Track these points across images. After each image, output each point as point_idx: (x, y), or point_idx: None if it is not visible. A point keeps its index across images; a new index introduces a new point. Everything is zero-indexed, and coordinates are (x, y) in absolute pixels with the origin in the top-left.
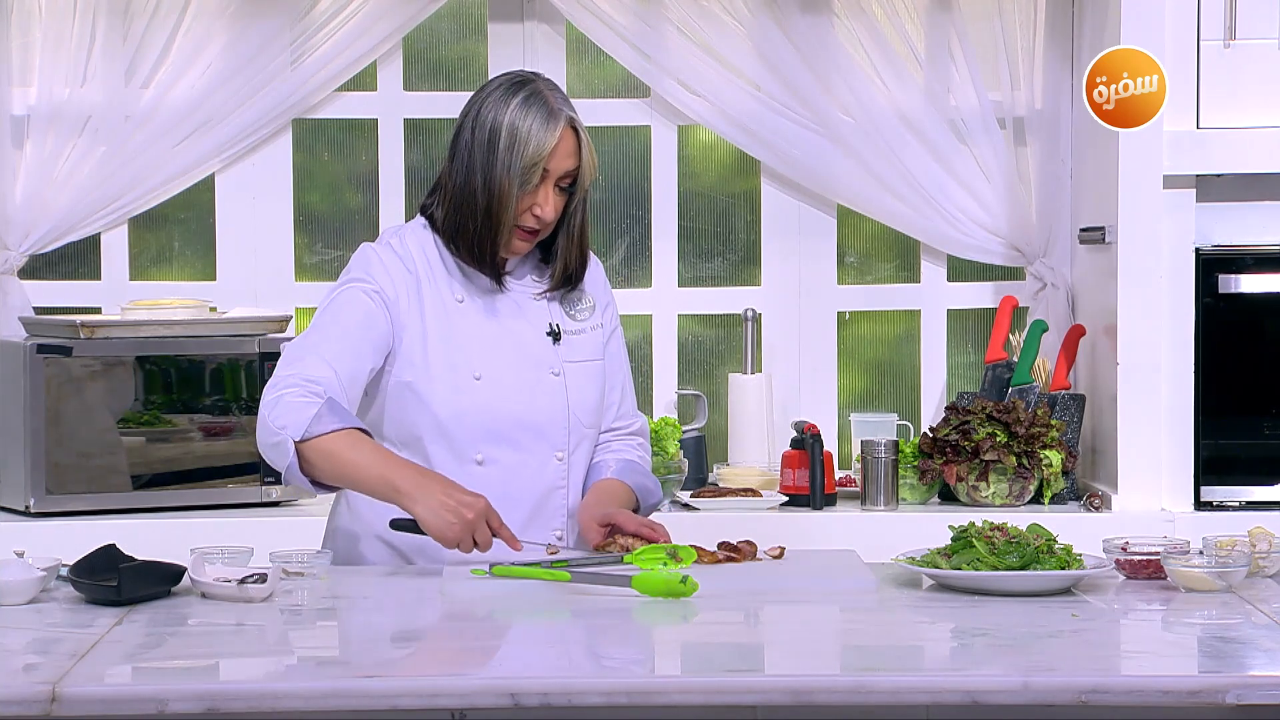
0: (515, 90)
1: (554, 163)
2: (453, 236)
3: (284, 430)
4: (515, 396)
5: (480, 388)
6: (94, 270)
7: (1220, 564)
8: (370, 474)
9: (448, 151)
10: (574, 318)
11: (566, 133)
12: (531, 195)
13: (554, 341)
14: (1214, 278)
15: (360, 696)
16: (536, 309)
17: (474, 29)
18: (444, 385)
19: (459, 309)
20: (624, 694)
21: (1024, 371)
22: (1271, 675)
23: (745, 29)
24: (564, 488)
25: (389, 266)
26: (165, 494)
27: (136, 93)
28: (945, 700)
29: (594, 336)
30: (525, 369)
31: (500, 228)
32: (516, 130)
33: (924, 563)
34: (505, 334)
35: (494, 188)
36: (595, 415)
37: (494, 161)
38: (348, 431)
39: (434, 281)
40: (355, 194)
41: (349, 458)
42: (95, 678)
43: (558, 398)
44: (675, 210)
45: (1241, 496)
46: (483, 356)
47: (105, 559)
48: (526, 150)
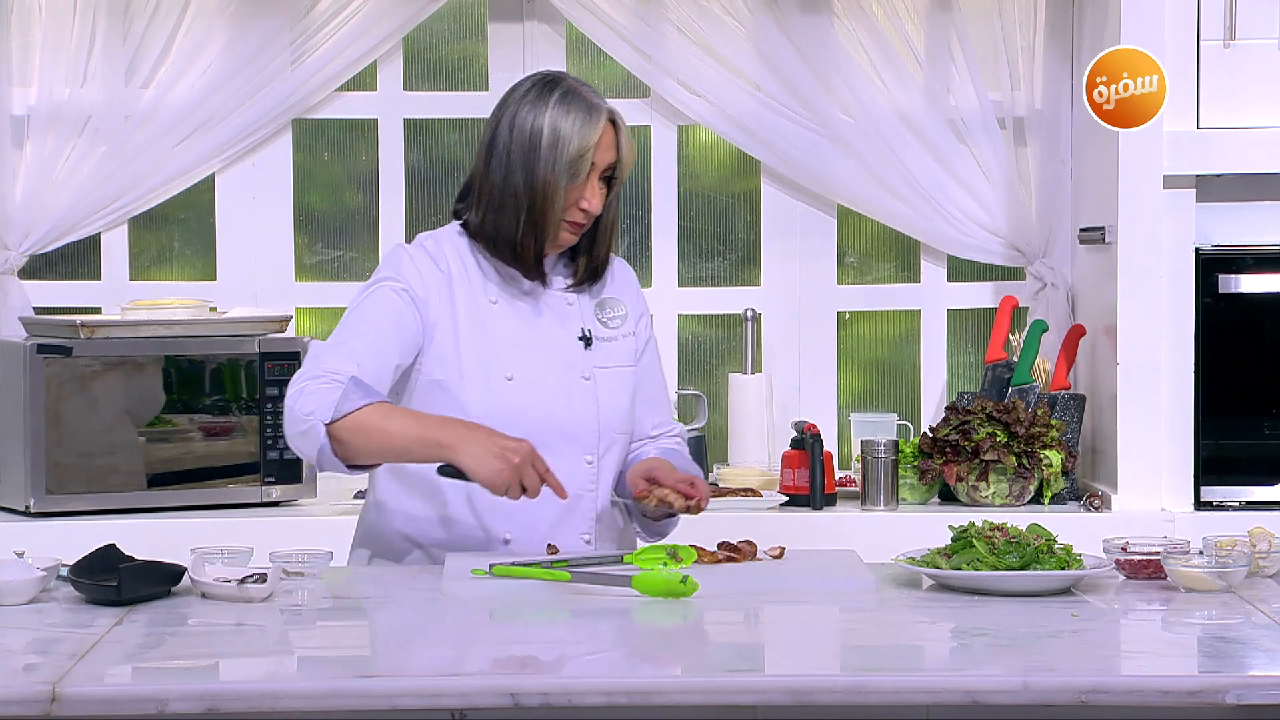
0: (549, 89)
1: (599, 155)
2: (492, 238)
3: (311, 415)
4: (546, 399)
5: (512, 389)
6: (94, 270)
7: (1220, 564)
8: (409, 436)
9: (479, 156)
10: (606, 324)
11: (607, 125)
12: (579, 189)
13: (585, 346)
14: (1214, 278)
15: (360, 696)
16: (570, 314)
17: (474, 29)
18: (475, 385)
19: (492, 310)
20: (624, 694)
21: (1024, 371)
22: (1271, 675)
23: (745, 29)
24: (593, 491)
25: (420, 265)
26: (165, 494)
27: (136, 93)
28: (945, 700)
29: (626, 344)
30: (557, 372)
31: (547, 225)
32: (559, 127)
33: (924, 563)
34: (538, 337)
35: (538, 186)
36: (626, 421)
37: (536, 161)
38: (376, 404)
39: (468, 282)
40: (355, 194)
41: (383, 426)
42: (95, 678)
43: (588, 402)
44: (675, 210)
45: (1241, 496)
46: (515, 358)
47: (105, 559)
48: (571, 145)
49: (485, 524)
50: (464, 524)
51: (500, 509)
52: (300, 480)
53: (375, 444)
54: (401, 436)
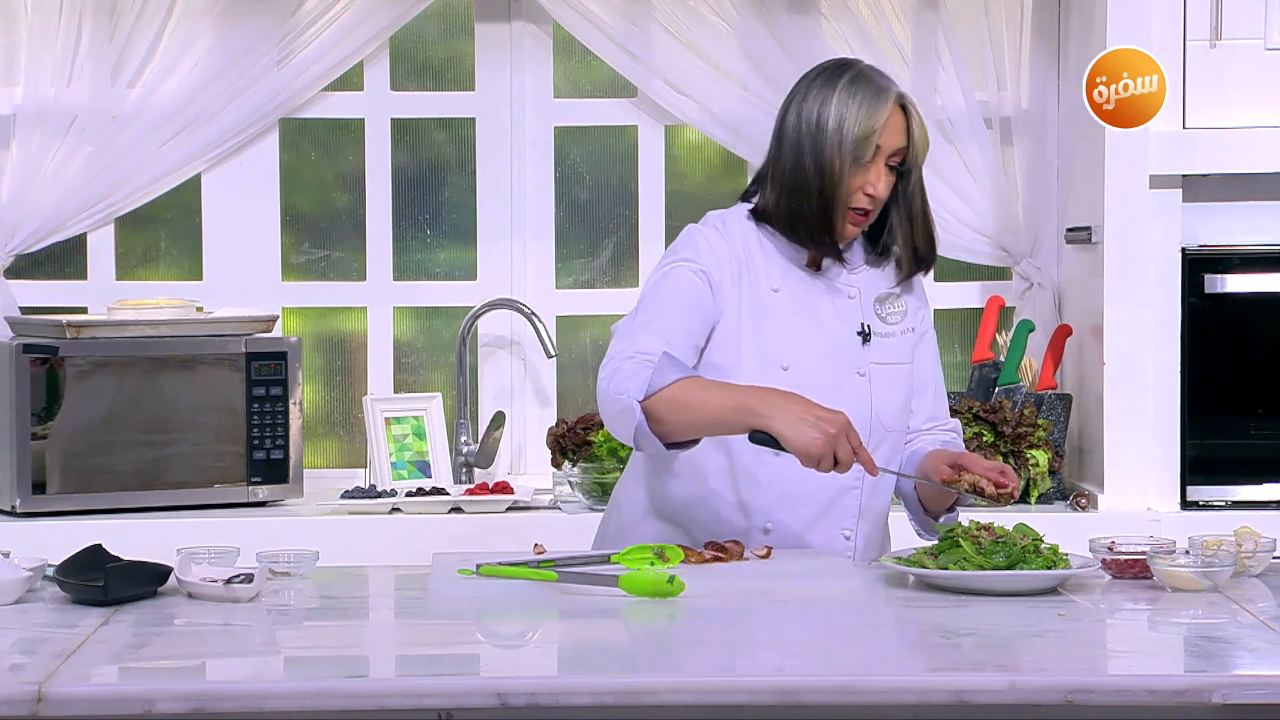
0: (840, 73)
1: (884, 138)
2: (789, 222)
3: (625, 394)
4: (819, 392)
5: (786, 379)
6: (80, 270)
7: (1206, 563)
8: (724, 406)
9: (772, 141)
10: (885, 320)
11: (895, 109)
12: (863, 173)
13: (863, 342)
14: (1200, 277)
15: (347, 696)
16: (850, 308)
17: (460, 29)
18: (752, 372)
19: (773, 298)
20: (611, 694)
21: (1010, 371)
22: (1257, 675)
23: (732, 29)
24: (858, 489)
25: (715, 248)
26: (152, 494)
27: (123, 92)
28: (932, 700)
29: (904, 340)
30: (833, 366)
31: (835, 207)
32: (846, 108)
33: (911, 562)
34: (816, 329)
35: (825, 168)
36: (899, 419)
37: (824, 142)
38: (689, 378)
39: (753, 268)
40: (342, 194)
41: (697, 397)
42: (82, 678)
43: (862, 398)
44: (662, 210)
45: (1228, 496)
46: (792, 348)
47: (91, 559)
48: (857, 127)
49: (747, 508)
50: (724, 505)
51: (767, 494)
52: (287, 480)
53: (690, 417)
54: (716, 406)
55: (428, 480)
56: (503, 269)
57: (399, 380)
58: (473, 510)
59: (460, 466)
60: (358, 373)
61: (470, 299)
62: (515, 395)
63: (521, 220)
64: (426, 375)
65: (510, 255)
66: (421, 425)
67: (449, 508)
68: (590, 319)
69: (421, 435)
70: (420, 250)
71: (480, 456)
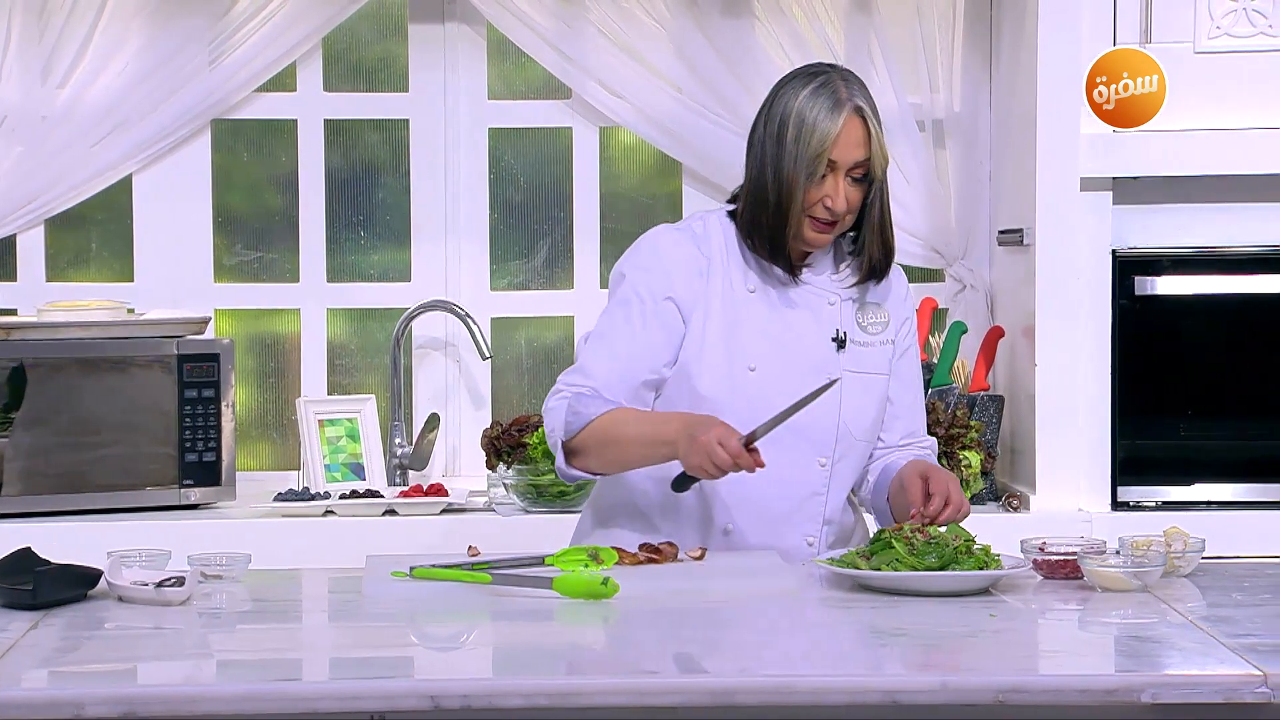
0: (808, 80)
1: (839, 153)
2: (749, 229)
3: (552, 432)
4: (787, 394)
5: (752, 380)
6: (10, 272)
7: (1136, 564)
8: (643, 440)
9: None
10: (865, 329)
11: (853, 121)
12: (820, 187)
13: (838, 348)
14: (1130, 279)
15: (279, 700)
16: (828, 313)
17: (394, 30)
18: (716, 372)
19: (749, 299)
20: (544, 696)
21: (943, 373)
22: (1186, 674)
23: (666, 31)
24: (823, 495)
25: (676, 251)
26: (82, 497)
27: (53, 92)
28: (864, 700)
29: (882, 351)
30: (801, 370)
31: (789, 219)
32: (803, 120)
33: (843, 563)
34: (788, 331)
35: (782, 179)
36: (870, 429)
37: (781, 154)
38: (606, 414)
39: (728, 268)
40: (275, 195)
41: (614, 435)
42: (11, 682)
43: (830, 404)
44: (597, 212)
45: (1157, 497)
46: (760, 349)
47: (20, 562)
48: (810, 141)
49: (709, 510)
50: (686, 506)
51: (725, 497)
52: (219, 483)
53: (612, 455)
54: (636, 443)
55: (361, 482)
56: (437, 270)
57: (333, 382)
58: (407, 513)
59: (394, 469)
60: (291, 375)
61: (404, 300)
62: (450, 397)
63: (456, 222)
64: (360, 377)
65: (444, 257)
66: (355, 427)
67: (383, 510)
68: (525, 321)
69: (355, 437)
70: (354, 252)
71: (414, 459)
